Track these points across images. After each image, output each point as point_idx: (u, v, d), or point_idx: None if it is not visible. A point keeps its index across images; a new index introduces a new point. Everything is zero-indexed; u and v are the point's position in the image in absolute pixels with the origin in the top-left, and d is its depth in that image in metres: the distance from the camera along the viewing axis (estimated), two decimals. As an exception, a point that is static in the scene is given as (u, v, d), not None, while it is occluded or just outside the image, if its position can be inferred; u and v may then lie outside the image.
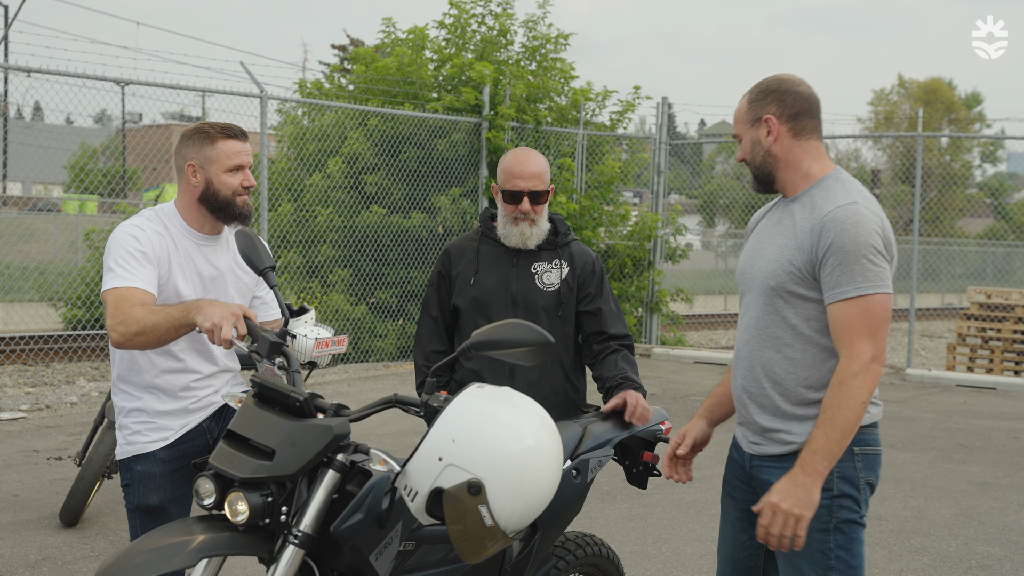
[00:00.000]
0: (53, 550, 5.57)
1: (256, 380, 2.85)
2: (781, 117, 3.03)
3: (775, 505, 2.84)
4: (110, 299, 3.19)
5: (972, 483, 7.49)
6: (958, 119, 50.40)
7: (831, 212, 2.91)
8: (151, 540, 2.60)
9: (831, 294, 2.90)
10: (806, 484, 2.83)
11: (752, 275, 3.11)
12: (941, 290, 31.34)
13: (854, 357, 2.85)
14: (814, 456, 2.83)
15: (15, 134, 36.83)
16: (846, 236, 2.86)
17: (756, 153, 3.08)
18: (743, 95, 3.14)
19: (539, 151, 14.53)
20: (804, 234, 2.95)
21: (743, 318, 3.15)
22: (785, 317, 3.00)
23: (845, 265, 2.86)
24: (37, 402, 9.53)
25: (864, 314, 2.86)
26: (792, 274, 2.96)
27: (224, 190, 3.39)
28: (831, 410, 2.84)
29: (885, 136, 27.64)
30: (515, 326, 2.76)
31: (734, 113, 3.15)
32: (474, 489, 2.54)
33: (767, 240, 3.10)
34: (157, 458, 3.39)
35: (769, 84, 3.08)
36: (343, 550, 2.79)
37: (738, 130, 3.12)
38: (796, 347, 2.99)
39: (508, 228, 3.92)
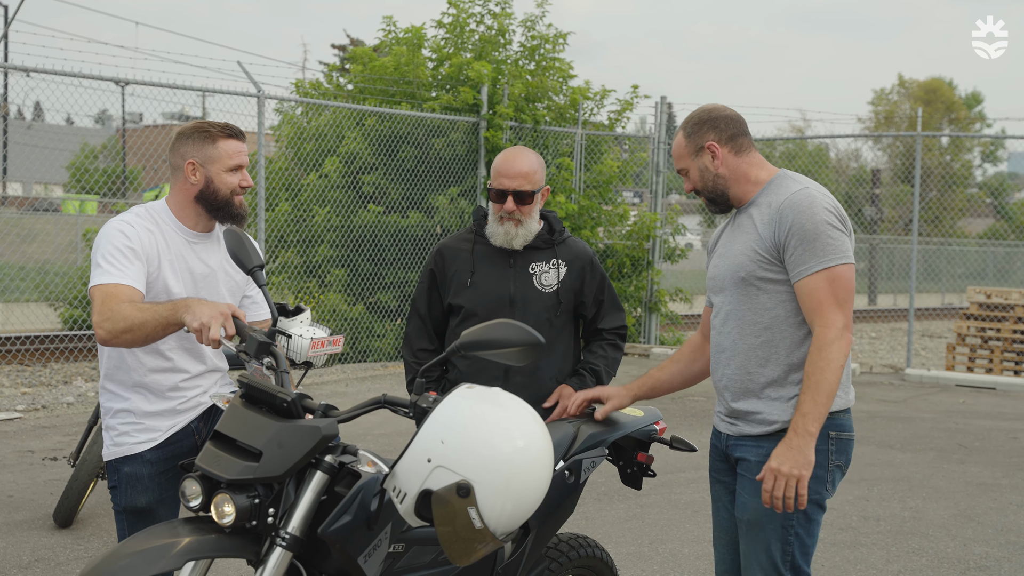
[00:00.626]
0: (46, 551, 5.54)
1: (243, 380, 2.82)
2: (720, 141, 3.30)
3: (775, 469, 3.04)
4: (97, 295, 3.16)
5: (971, 483, 7.46)
6: (958, 119, 50.35)
7: (786, 199, 3.17)
8: (136, 543, 2.57)
9: (797, 272, 3.14)
10: (800, 446, 3.04)
11: (721, 276, 3.35)
12: (942, 290, 31.28)
13: (828, 325, 3.08)
14: (804, 419, 3.04)
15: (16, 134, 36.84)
16: (803, 216, 3.11)
17: (706, 179, 3.33)
18: (679, 132, 3.41)
19: (537, 151, 14.51)
20: (764, 225, 3.20)
21: (718, 316, 3.38)
22: (758, 304, 3.23)
23: (807, 243, 3.10)
24: (33, 402, 9.50)
25: (831, 285, 3.09)
26: (758, 261, 3.20)
27: (224, 189, 3.38)
28: (814, 375, 3.05)
29: (884, 135, 27.57)
30: (505, 326, 2.73)
31: (673, 150, 3.42)
32: (463, 491, 2.52)
33: (729, 245, 3.36)
34: (145, 459, 3.35)
35: (700, 116, 3.34)
36: (331, 552, 2.77)
37: (682, 164, 3.39)
38: (772, 330, 3.22)
39: (494, 227, 3.89)
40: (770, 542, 3.20)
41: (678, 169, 3.39)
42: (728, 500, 3.40)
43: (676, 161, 3.37)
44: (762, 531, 3.20)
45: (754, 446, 3.24)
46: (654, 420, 3.76)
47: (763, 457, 3.19)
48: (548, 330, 3.88)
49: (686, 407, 10.12)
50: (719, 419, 3.39)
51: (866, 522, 6.40)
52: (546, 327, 3.87)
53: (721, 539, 3.44)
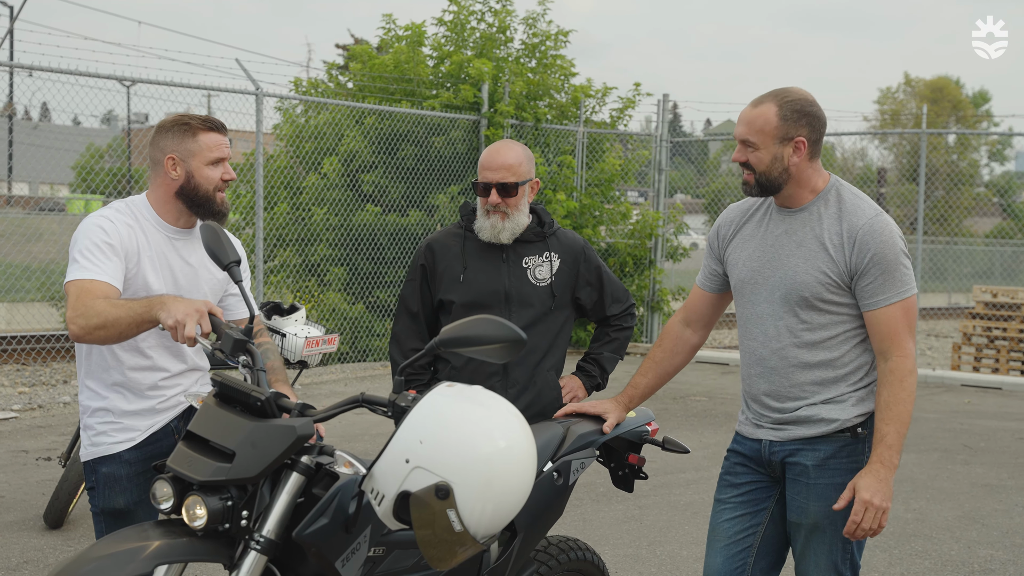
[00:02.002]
0: (35, 552, 5.47)
1: (217, 379, 2.74)
2: (809, 141, 3.15)
3: (868, 502, 3.03)
4: (72, 291, 3.09)
5: (976, 485, 7.35)
6: (965, 117, 50.16)
7: (865, 224, 3.11)
8: (104, 546, 2.48)
9: (874, 301, 3.12)
10: (887, 478, 3.06)
11: (770, 286, 3.23)
12: (948, 290, 31.11)
13: (906, 356, 3.10)
14: (890, 451, 3.06)
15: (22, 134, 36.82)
16: (886, 247, 3.09)
17: (775, 167, 3.15)
18: (765, 101, 3.16)
19: (539, 149, 14.39)
20: (836, 249, 3.13)
21: (759, 326, 3.27)
22: (819, 323, 3.18)
23: (887, 274, 3.09)
24: (30, 402, 9.44)
25: (905, 315, 3.11)
26: (827, 285, 3.14)
27: (205, 184, 3.30)
28: (897, 406, 3.06)
29: (888, 133, 27.45)
30: (486, 322, 2.65)
31: (750, 117, 3.16)
32: (442, 493, 2.43)
33: (780, 251, 3.22)
34: (123, 460, 3.27)
35: (802, 105, 3.15)
36: (308, 556, 2.68)
37: (759, 139, 3.15)
38: (830, 348, 3.18)
39: (481, 221, 3.83)
40: (831, 545, 3.21)
41: (746, 138, 3.16)
42: (738, 503, 3.35)
43: (751, 132, 3.15)
44: (824, 535, 3.21)
45: (809, 449, 3.21)
46: (646, 421, 3.67)
47: (820, 460, 3.20)
48: (545, 324, 3.82)
49: (688, 408, 10.01)
50: (755, 426, 3.32)
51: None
52: (542, 321, 3.82)
53: (716, 543, 3.37)
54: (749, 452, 3.34)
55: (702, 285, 3.51)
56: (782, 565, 3.41)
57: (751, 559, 3.32)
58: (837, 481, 3.19)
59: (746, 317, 3.32)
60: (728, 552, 3.33)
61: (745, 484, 3.35)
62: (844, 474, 3.19)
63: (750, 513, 3.33)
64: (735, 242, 3.36)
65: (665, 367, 3.57)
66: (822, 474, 3.20)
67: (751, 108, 3.18)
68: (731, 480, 3.39)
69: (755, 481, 3.34)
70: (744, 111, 3.20)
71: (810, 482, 3.21)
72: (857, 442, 3.19)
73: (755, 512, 3.33)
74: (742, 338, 3.37)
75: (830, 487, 3.19)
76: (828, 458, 3.20)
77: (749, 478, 3.35)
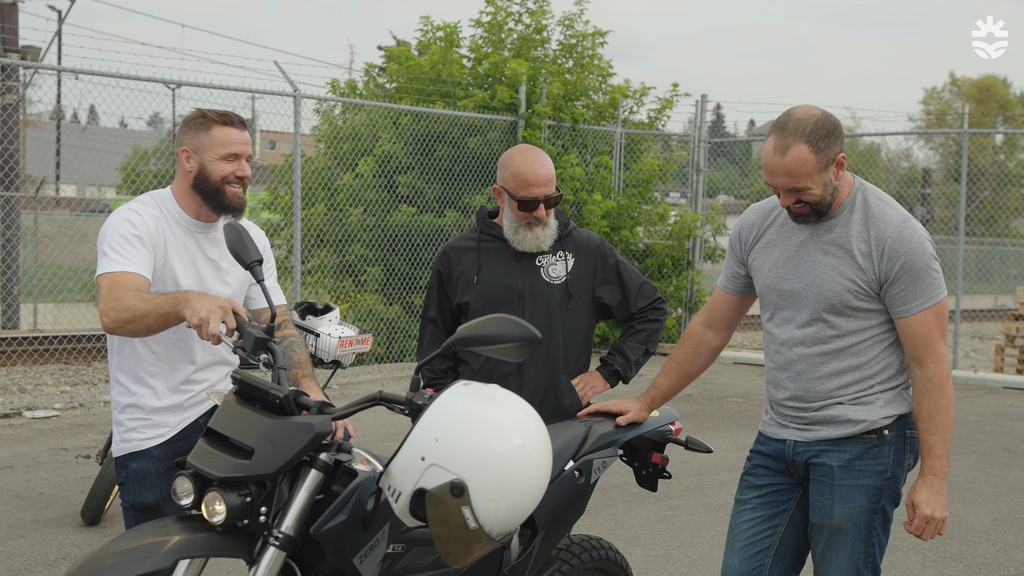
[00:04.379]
0: (73, 548, 5.56)
1: (237, 377, 2.78)
2: (844, 152, 3.13)
3: (930, 517, 3.10)
4: (104, 284, 3.14)
5: (1014, 488, 7.27)
6: (1013, 117, 49.48)
7: (894, 232, 3.08)
8: (124, 541, 2.53)
9: (905, 308, 3.11)
10: (941, 488, 3.10)
11: (798, 290, 3.21)
12: (994, 291, 30.71)
13: (940, 361, 3.10)
14: (940, 460, 3.09)
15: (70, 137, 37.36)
16: (915, 254, 3.07)
17: (827, 192, 3.10)
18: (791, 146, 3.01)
19: (576, 150, 14.38)
20: (864, 257, 3.11)
21: (785, 330, 3.26)
22: (847, 329, 3.16)
23: (918, 281, 3.08)
24: (71, 400, 9.58)
25: (937, 319, 3.11)
26: (856, 293, 3.13)
27: (215, 177, 3.32)
28: (939, 414, 3.08)
29: (930, 133, 27.13)
30: (500, 321, 2.66)
31: (787, 167, 3.02)
32: (457, 490, 2.45)
33: (806, 257, 3.20)
34: (152, 456, 3.32)
35: (826, 126, 3.05)
36: (326, 553, 2.71)
37: (807, 182, 3.04)
38: (858, 354, 3.18)
39: (522, 234, 3.77)
40: (853, 547, 3.22)
41: (794, 187, 3.05)
42: (758, 503, 3.34)
43: (798, 179, 3.03)
44: (847, 536, 3.21)
45: (835, 450, 3.21)
46: (669, 421, 3.67)
47: (845, 462, 3.19)
48: (560, 323, 3.81)
49: (724, 409, 9.97)
50: (780, 427, 3.32)
51: (901, 527, 6.23)
52: (557, 320, 3.80)
53: (735, 543, 3.38)
54: (772, 453, 3.34)
55: (724, 287, 3.50)
56: (800, 568, 3.40)
57: (769, 560, 3.31)
58: (862, 483, 3.17)
59: (773, 323, 3.31)
60: (746, 553, 3.33)
61: (766, 486, 3.34)
62: (869, 476, 3.17)
63: (769, 515, 3.32)
64: (758, 246, 3.34)
65: (687, 368, 3.57)
66: (847, 475, 3.18)
67: (780, 158, 3.03)
68: (752, 481, 3.38)
69: (776, 483, 3.33)
70: (772, 161, 3.06)
71: (834, 483, 3.19)
72: (883, 444, 3.18)
73: (775, 513, 3.32)
74: (767, 343, 3.36)
75: (854, 489, 3.18)
76: (854, 459, 3.18)
77: (770, 479, 3.34)
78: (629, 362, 3.96)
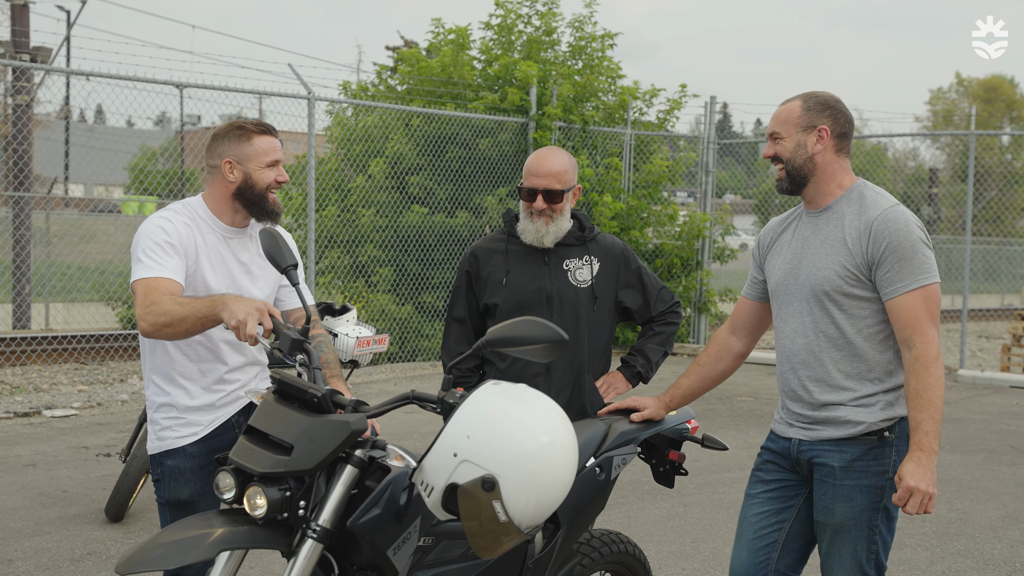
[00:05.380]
0: (98, 544, 5.67)
1: (276, 377, 2.89)
2: (832, 132, 3.29)
3: (913, 488, 3.09)
4: (139, 289, 3.25)
5: (1021, 485, 7.36)
6: (1020, 117, 49.46)
7: (880, 215, 3.20)
8: (171, 533, 2.65)
9: (892, 289, 3.18)
10: (930, 464, 3.11)
11: (799, 285, 3.35)
12: (1001, 291, 30.75)
13: (929, 342, 3.14)
14: (928, 437, 3.10)
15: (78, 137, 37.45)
16: (900, 234, 3.16)
17: (798, 156, 3.31)
18: (792, 99, 3.36)
19: (586, 151, 14.44)
20: (853, 241, 3.23)
21: (789, 324, 3.39)
22: (842, 318, 3.26)
23: (904, 261, 3.15)
24: (89, 399, 9.70)
25: (926, 303, 3.16)
26: (846, 278, 3.23)
27: (260, 184, 3.45)
28: (927, 392, 3.11)
29: (936, 134, 27.19)
30: (530, 323, 2.77)
31: (777, 112, 3.36)
32: (488, 485, 2.56)
33: (804, 252, 3.36)
34: (187, 453, 3.43)
35: (826, 99, 3.33)
36: (361, 545, 2.83)
37: (783, 129, 3.33)
38: (856, 344, 3.26)
39: (525, 224, 3.93)
40: (856, 544, 3.29)
41: (773, 132, 3.35)
42: (766, 498, 3.45)
43: (778, 125, 3.34)
44: (848, 534, 3.29)
45: (836, 451, 3.29)
46: (686, 419, 3.78)
47: (846, 462, 3.27)
48: (586, 325, 3.92)
49: (734, 408, 10.08)
50: (787, 425, 3.42)
51: (911, 523, 6.34)
52: (584, 322, 3.92)
53: (743, 536, 3.48)
54: (780, 450, 3.44)
55: (746, 294, 3.66)
56: (805, 562, 3.50)
57: (775, 554, 3.41)
58: (863, 483, 3.27)
59: (780, 318, 3.44)
60: (753, 546, 3.44)
61: (774, 481, 3.45)
62: (870, 476, 3.27)
63: (776, 509, 3.43)
64: (773, 250, 3.51)
65: (708, 371, 3.69)
66: (848, 475, 3.27)
67: (780, 106, 3.38)
68: (761, 476, 3.49)
69: (784, 479, 3.43)
70: (775, 112, 3.40)
71: (836, 483, 3.29)
72: (884, 445, 3.27)
73: (782, 508, 3.43)
74: (776, 340, 3.49)
75: (855, 489, 3.27)
76: (854, 460, 3.27)
77: (779, 475, 3.45)
78: (650, 363, 4.09)
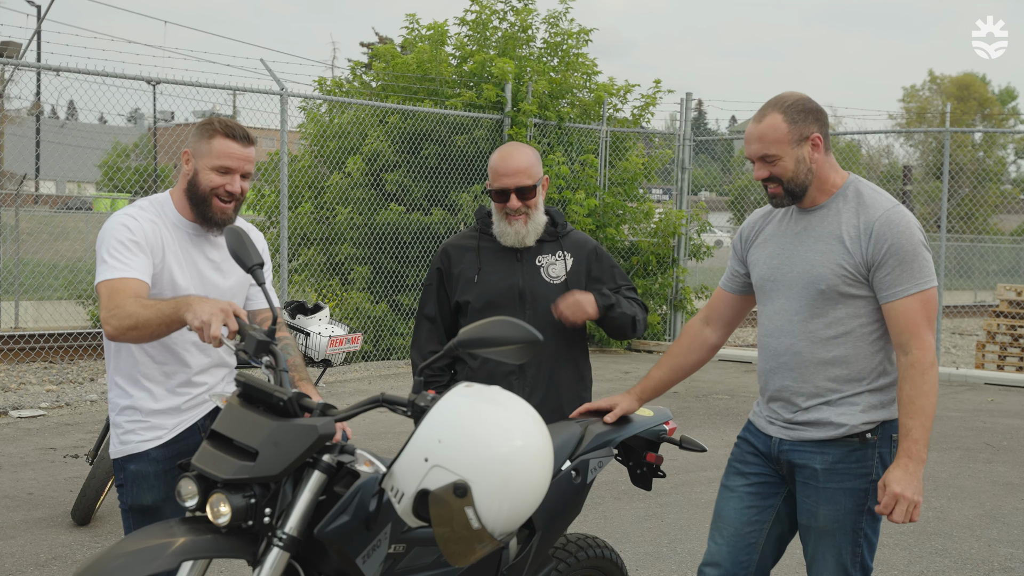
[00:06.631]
0: (64, 549, 5.56)
1: (240, 379, 2.80)
2: (822, 135, 3.19)
3: (899, 495, 3.03)
4: (104, 291, 3.14)
5: (997, 483, 7.35)
6: (992, 115, 49.79)
7: (882, 216, 3.12)
8: (130, 542, 2.54)
9: (892, 292, 3.12)
10: (916, 472, 3.05)
11: (788, 281, 3.26)
12: (974, 287, 30.94)
13: (925, 348, 3.08)
14: (917, 445, 3.04)
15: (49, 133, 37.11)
16: (903, 237, 3.09)
17: (800, 171, 3.18)
18: (768, 114, 3.18)
19: (562, 148, 14.39)
20: (852, 241, 3.14)
21: (775, 321, 3.30)
22: (835, 318, 3.19)
23: (905, 265, 3.08)
24: (58, 399, 9.56)
25: (924, 307, 3.10)
26: (843, 277, 3.15)
27: (204, 186, 3.31)
28: (920, 399, 3.05)
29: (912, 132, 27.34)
30: (503, 323, 2.69)
31: (760, 133, 3.18)
32: (460, 491, 2.47)
33: (799, 247, 3.26)
34: (151, 457, 3.33)
35: (803, 103, 3.20)
36: (330, 553, 2.74)
37: (777, 150, 3.17)
38: (846, 345, 3.19)
39: (502, 227, 3.85)
40: (841, 547, 3.23)
41: (765, 155, 3.18)
42: (745, 491, 3.38)
43: (767, 145, 3.17)
44: (833, 537, 3.23)
45: (818, 452, 3.22)
46: (664, 420, 3.71)
47: (828, 464, 3.21)
48: (560, 322, 3.84)
49: (711, 406, 10.03)
50: (768, 423, 3.35)
51: (888, 523, 6.29)
52: (554, 318, 3.83)
53: (724, 530, 3.40)
54: (760, 444, 3.38)
55: (724, 286, 3.57)
56: (780, 556, 3.46)
57: (756, 556, 3.36)
58: (846, 486, 3.20)
59: (765, 314, 3.36)
60: (734, 544, 3.37)
61: (754, 475, 3.38)
62: (853, 479, 3.20)
63: (758, 507, 3.37)
64: (757, 242, 3.42)
65: (680, 362, 3.61)
66: (831, 478, 3.22)
67: (756, 124, 3.20)
68: (740, 468, 3.42)
69: (764, 474, 3.37)
70: (749, 129, 3.22)
71: (819, 486, 3.23)
72: (866, 447, 3.20)
73: (762, 508, 3.37)
74: (760, 335, 3.40)
75: (839, 491, 3.21)
76: (837, 462, 3.21)
77: (759, 469, 3.38)
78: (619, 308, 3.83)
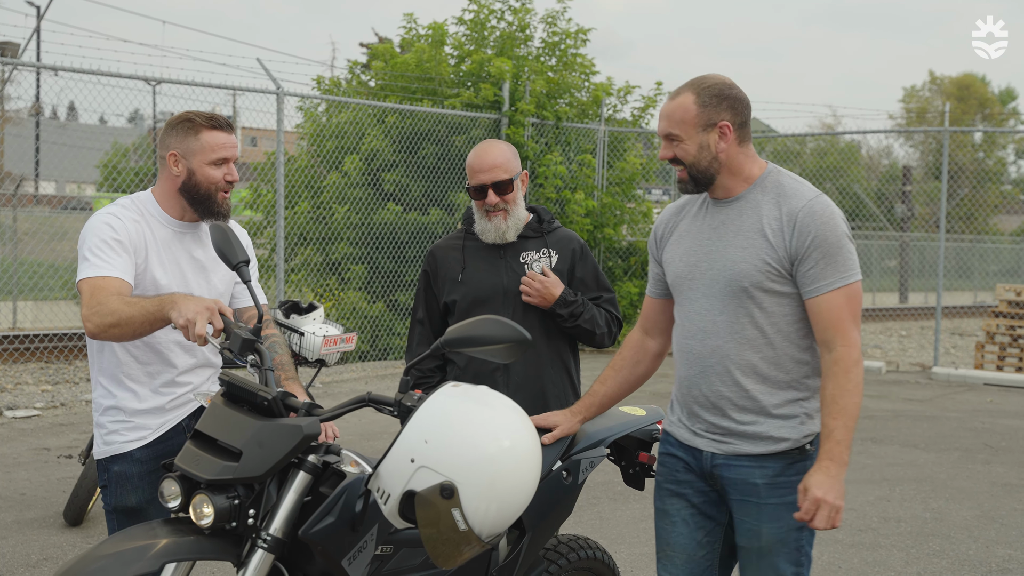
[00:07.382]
0: (55, 549, 5.52)
1: (224, 379, 2.76)
2: (734, 124, 3.01)
3: (820, 499, 2.85)
4: (85, 289, 3.10)
5: (995, 484, 7.31)
6: (992, 115, 49.79)
7: (805, 206, 2.95)
8: (111, 544, 2.51)
9: (816, 287, 2.94)
10: (839, 475, 2.87)
11: (707, 279, 3.06)
12: (974, 288, 30.91)
13: (850, 345, 2.91)
14: (839, 447, 2.86)
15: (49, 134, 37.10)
16: (827, 228, 2.92)
17: (702, 157, 3.02)
18: (681, 92, 3.04)
19: (559, 148, 14.35)
20: (774, 233, 2.97)
21: (696, 322, 3.08)
22: (759, 317, 3.00)
23: (829, 258, 2.92)
24: (53, 399, 9.53)
25: (849, 302, 2.93)
26: (767, 272, 2.97)
27: (205, 183, 3.27)
28: (843, 399, 2.88)
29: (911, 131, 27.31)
30: (490, 322, 2.66)
31: (669, 110, 3.04)
32: (446, 492, 2.44)
33: (717, 243, 3.06)
34: (135, 458, 3.29)
35: (720, 88, 3.02)
36: (315, 555, 2.70)
37: (681, 131, 3.01)
38: (775, 346, 3.01)
39: (483, 224, 3.83)
40: (780, 565, 3.06)
41: (668, 132, 3.02)
42: (690, 515, 3.16)
43: (672, 125, 3.01)
44: (775, 556, 3.05)
45: (757, 467, 3.03)
46: (656, 419, 3.67)
47: (770, 479, 3.02)
48: (544, 319, 3.82)
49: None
50: (693, 434, 3.13)
51: (886, 523, 6.27)
52: (541, 315, 3.81)
53: (676, 557, 3.19)
54: (689, 460, 3.15)
55: (651, 292, 3.36)
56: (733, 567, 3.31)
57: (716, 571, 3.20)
58: (788, 500, 3.00)
59: (684, 315, 3.13)
60: (691, 572, 3.17)
61: (691, 493, 3.16)
62: (795, 492, 2.98)
63: (705, 528, 3.17)
64: (671, 240, 3.21)
65: (625, 375, 3.38)
66: (772, 492, 3.03)
67: (669, 101, 3.05)
68: (674, 489, 3.19)
69: (702, 491, 3.16)
70: (663, 106, 3.07)
71: (761, 502, 3.04)
72: (806, 459, 3.03)
73: (710, 529, 3.17)
74: (679, 338, 3.16)
75: (782, 507, 3.03)
76: (777, 475, 3.03)
77: (695, 486, 3.16)
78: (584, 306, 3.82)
